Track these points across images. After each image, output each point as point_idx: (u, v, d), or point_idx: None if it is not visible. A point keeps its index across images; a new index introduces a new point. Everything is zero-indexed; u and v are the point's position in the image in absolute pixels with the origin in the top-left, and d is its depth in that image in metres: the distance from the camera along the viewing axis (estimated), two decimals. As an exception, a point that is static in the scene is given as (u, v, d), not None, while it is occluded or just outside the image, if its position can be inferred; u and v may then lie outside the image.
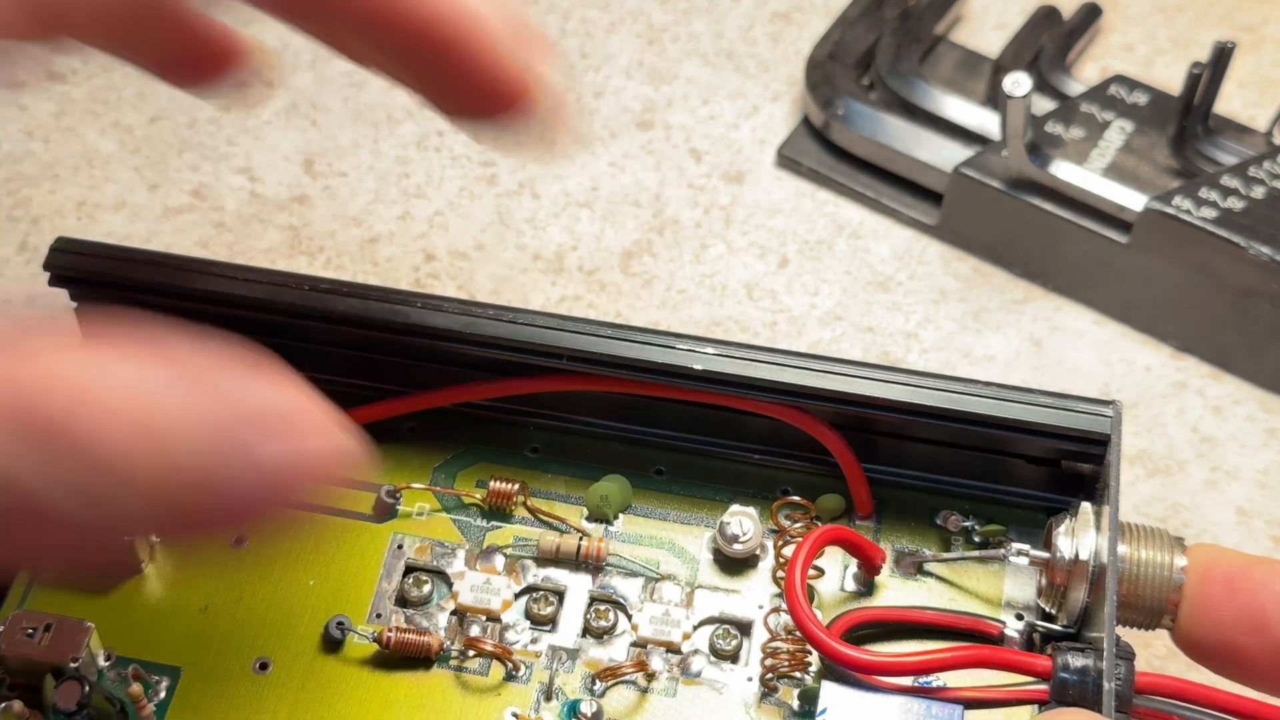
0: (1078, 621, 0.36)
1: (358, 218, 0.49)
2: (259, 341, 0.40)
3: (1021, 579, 0.38)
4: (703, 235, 0.49)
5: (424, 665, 0.37)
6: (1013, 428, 0.37)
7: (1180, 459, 0.44)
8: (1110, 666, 0.33)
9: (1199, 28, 0.54)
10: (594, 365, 0.37)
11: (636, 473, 0.40)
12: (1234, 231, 0.44)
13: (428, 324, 0.38)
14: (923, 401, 0.37)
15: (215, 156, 0.50)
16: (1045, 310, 0.47)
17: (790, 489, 0.39)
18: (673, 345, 0.37)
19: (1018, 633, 0.37)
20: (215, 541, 0.31)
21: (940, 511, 0.39)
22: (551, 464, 0.40)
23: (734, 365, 0.37)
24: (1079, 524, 0.36)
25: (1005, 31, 0.53)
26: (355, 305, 0.38)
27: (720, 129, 0.51)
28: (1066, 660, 0.34)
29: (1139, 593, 0.35)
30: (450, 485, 0.40)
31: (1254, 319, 0.44)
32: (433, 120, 0.51)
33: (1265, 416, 0.45)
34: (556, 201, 0.49)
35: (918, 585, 0.38)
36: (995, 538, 0.39)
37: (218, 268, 0.39)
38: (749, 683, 0.36)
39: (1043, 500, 0.39)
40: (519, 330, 0.37)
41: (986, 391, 0.37)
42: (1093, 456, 0.37)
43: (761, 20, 0.54)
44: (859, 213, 0.49)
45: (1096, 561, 0.35)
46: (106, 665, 0.36)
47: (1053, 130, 0.47)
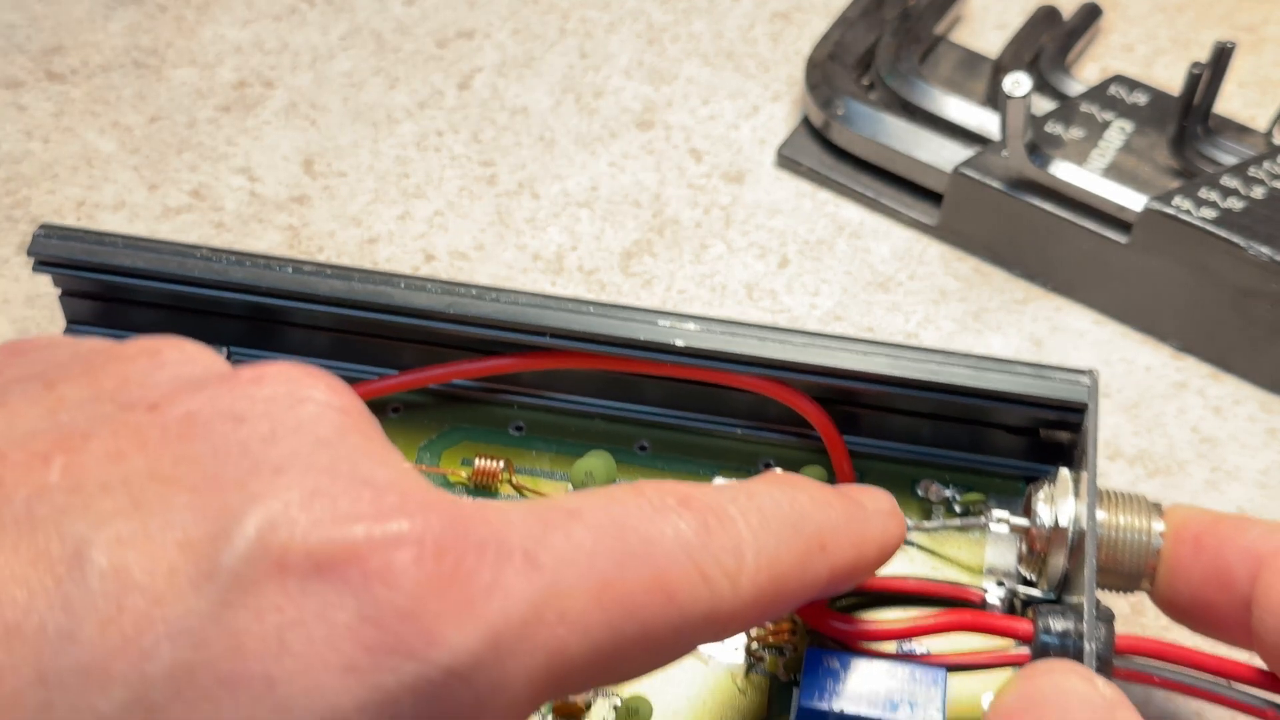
0: (1058, 587, 0.36)
1: (357, 218, 0.49)
2: (244, 325, 0.40)
3: (1002, 546, 0.39)
4: (703, 235, 0.49)
5: None
6: (991, 397, 0.37)
7: (1180, 459, 0.44)
8: (1091, 628, 0.33)
9: (1199, 28, 0.54)
10: (577, 342, 0.38)
11: (620, 449, 0.40)
12: (1234, 232, 0.44)
13: (411, 304, 0.38)
14: (902, 373, 0.37)
15: (215, 156, 0.50)
16: (1045, 310, 0.47)
17: (772, 462, 0.40)
18: (655, 321, 0.38)
19: (999, 599, 0.37)
20: None
21: (921, 482, 0.40)
22: (536, 441, 0.40)
23: (716, 340, 0.37)
24: (1058, 491, 0.36)
25: (1005, 31, 0.53)
26: (339, 286, 0.38)
27: (720, 129, 0.51)
28: (1048, 623, 0.34)
29: (1118, 557, 0.35)
30: (436, 464, 0.40)
31: (1254, 319, 0.44)
32: (432, 120, 0.51)
33: (1265, 417, 0.45)
34: (556, 201, 0.49)
35: (900, 554, 0.39)
36: (976, 506, 0.39)
37: (201, 251, 0.39)
38: (735, 653, 0.37)
39: (1022, 469, 0.40)
40: (502, 309, 0.38)
41: (965, 362, 0.37)
42: (1070, 424, 0.38)
43: (761, 20, 0.54)
44: (859, 213, 0.49)
45: (1076, 527, 0.35)
46: None
47: (1053, 130, 0.47)
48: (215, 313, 0.40)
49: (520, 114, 0.51)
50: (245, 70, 0.52)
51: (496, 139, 0.51)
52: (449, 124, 0.51)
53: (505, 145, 0.51)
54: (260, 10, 0.54)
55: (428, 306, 0.38)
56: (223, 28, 0.53)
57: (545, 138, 0.51)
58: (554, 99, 0.52)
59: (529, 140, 0.51)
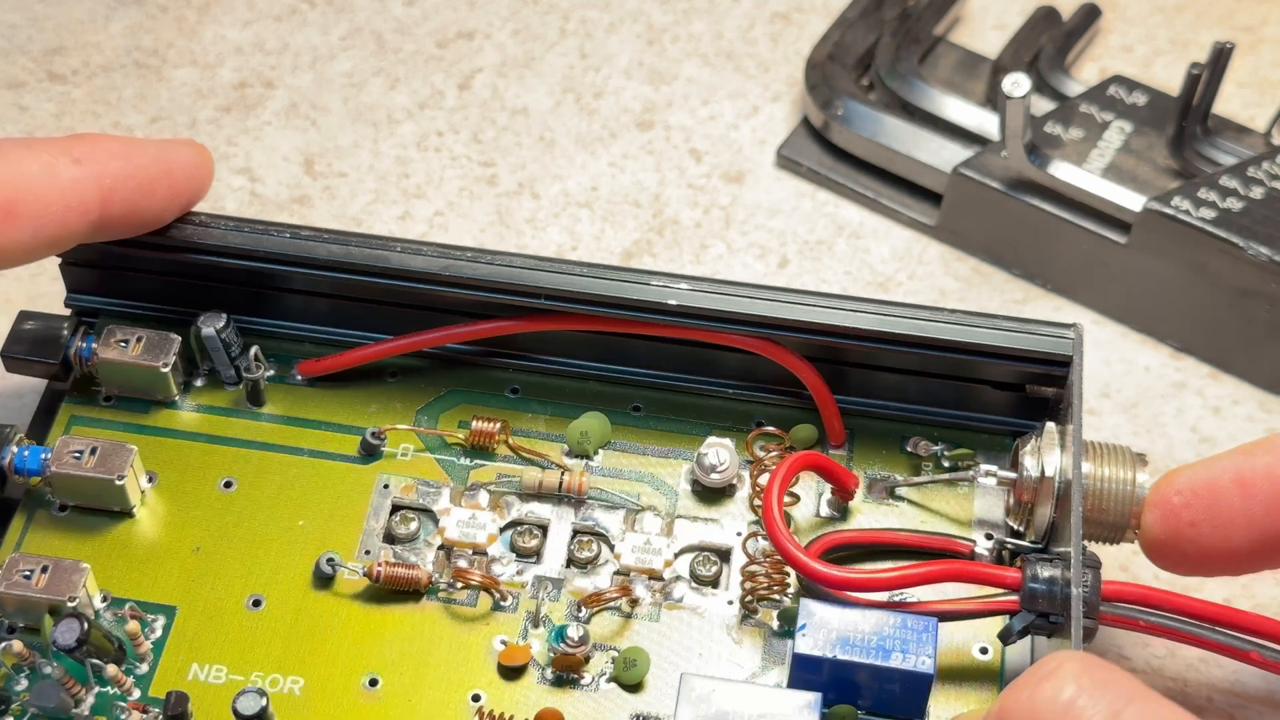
0: (1045, 537, 0.37)
1: (358, 218, 0.49)
2: (242, 291, 0.41)
3: (990, 499, 0.39)
4: (703, 235, 0.49)
5: (414, 598, 0.38)
6: (978, 352, 0.38)
7: (1180, 459, 0.44)
8: (1078, 574, 0.34)
9: (1198, 28, 0.54)
10: (572, 304, 0.38)
11: (615, 410, 0.41)
12: (1233, 232, 0.44)
13: (408, 267, 0.39)
14: (891, 329, 0.38)
15: (215, 157, 0.50)
16: (1045, 310, 0.47)
17: (764, 421, 0.40)
18: (648, 282, 0.38)
19: (988, 550, 0.38)
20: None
21: (910, 438, 0.40)
22: (532, 404, 0.41)
23: (708, 300, 0.38)
24: (1044, 444, 0.37)
25: (1004, 32, 0.53)
26: (336, 251, 0.39)
27: (720, 129, 0.51)
28: (1035, 570, 0.35)
29: (1103, 507, 0.36)
30: (433, 427, 0.40)
31: (1253, 319, 0.44)
32: (432, 120, 0.51)
33: (1265, 416, 0.45)
34: (556, 201, 0.49)
35: (890, 509, 0.39)
36: (964, 461, 0.40)
37: (199, 218, 0.40)
38: (729, 606, 0.38)
39: (1008, 424, 0.40)
40: (497, 271, 0.38)
41: (951, 318, 0.38)
42: (1056, 379, 0.38)
43: (761, 21, 0.54)
44: (859, 213, 0.50)
45: (1062, 478, 0.36)
46: (103, 606, 0.37)
47: (1052, 131, 0.47)
48: (214, 279, 0.41)
49: (520, 114, 0.52)
50: (246, 71, 0.52)
51: (497, 139, 0.51)
52: (449, 124, 0.51)
53: (505, 145, 0.51)
54: (261, 11, 0.54)
55: (424, 269, 0.38)
56: (223, 28, 0.53)
57: (545, 138, 0.51)
58: (554, 99, 0.52)
59: (529, 140, 0.51)
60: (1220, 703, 0.39)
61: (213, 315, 0.40)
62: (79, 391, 0.41)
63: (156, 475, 0.40)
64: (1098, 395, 0.45)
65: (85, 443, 0.38)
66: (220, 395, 0.41)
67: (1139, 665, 0.40)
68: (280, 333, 0.42)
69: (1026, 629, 0.35)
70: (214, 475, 0.40)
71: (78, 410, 0.41)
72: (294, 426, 0.41)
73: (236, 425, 0.41)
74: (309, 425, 0.41)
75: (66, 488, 0.38)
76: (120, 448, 0.38)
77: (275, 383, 0.41)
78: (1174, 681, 0.40)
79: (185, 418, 0.41)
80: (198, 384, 0.41)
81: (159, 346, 0.40)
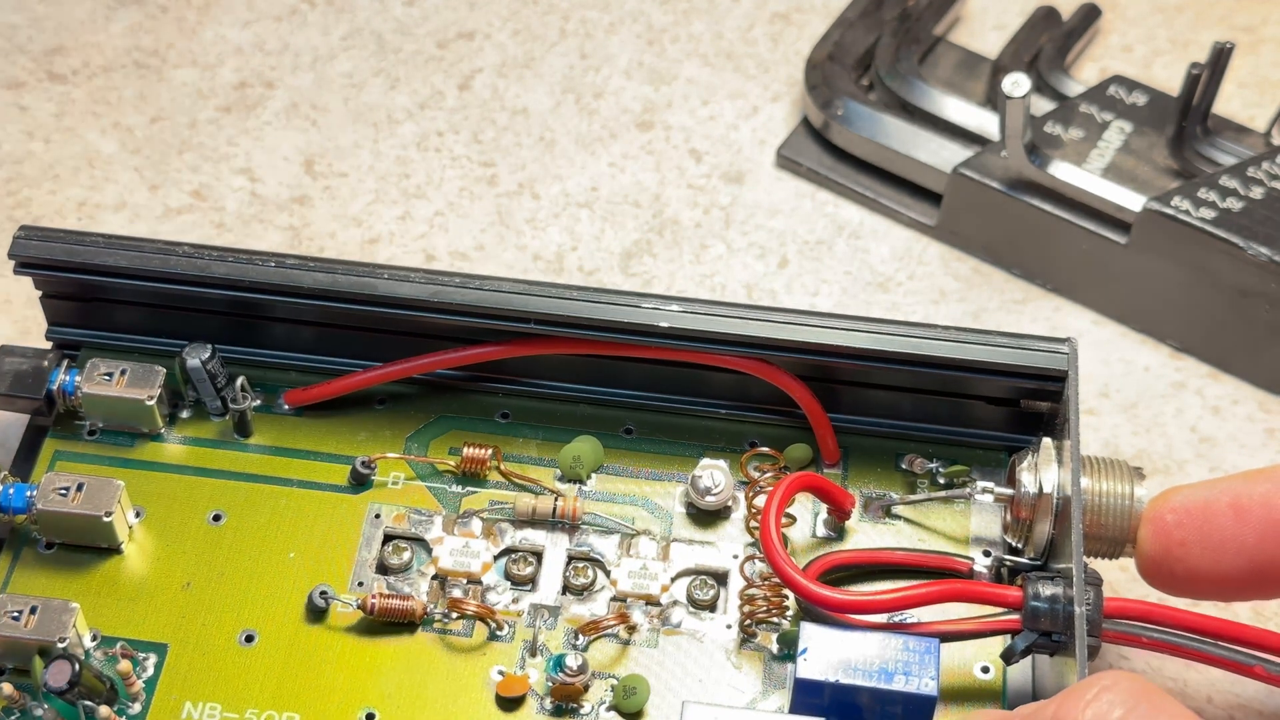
0: (1044, 554, 0.37)
1: (358, 218, 0.49)
2: (227, 321, 0.40)
3: (987, 516, 0.39)
4: (703, 235, 0.49)
5: (408, 629, 0.37)
6: (971, 369, 0.38)
7: (1179, 459, 0.44)
8: (1080, 592, 0.33)
9: (1198, 28, 0.54)
10: (561, 328, 0.38)
11: (607, 433, 0.40)
12: (1233, 232, 0.44)
13: (395, 294, 0.38)
14: (883, 347, 0.38)
15: (216, 157, 0.50)
16: (1044, 310, 0.47)
17: (758, 441, 0.40)
18: (638, 304, 0.38)
19: (986, 568, 0.38)
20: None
21: (905, 456, 0.40)
22: (523, 428, 0.41)
23: (699, 321, 0.38)
24: (1041, 459, 0.36)
25: (1004, 32, 0.53)
26: (322, 279, 0.39)
27: (720, 129, 0.51)
28: (1037, 589, 0.35)
29: (1102, 522, 0.36)
30: (424, 454, 0.40)
31: (1253, 319, 0.44)
32: (432, 120, 0.51)
33: (1264, 416, 0.45)
34: (556, 202, 0.49)
35: (887, 528, 0.39)
36: (959, 478, 0.39)
37: (183, 249, 0.39)
38: (728, 630, 0.37)
39: (1004, 440, 0.40)
40: (485, 297, 0.38)
41: (944, 335, 0.38)
42: (1050, 393, 0.38)
43: (761, 21, 0.54)
44: (859, 213, 0.50)
45: (1060, 494, 0.36)
46: (93, 645, 0.37)
47: (1052, 131, 0.47)
48: (198, 310, 0.40)
49: (520, 114, 0.52)
50: (246, 71, 0.52)
51: (497, 139, 0.51)
52: (449, 124, 0.51)
53: (505, 146, 0.51)
54: (261, 11, 0.54)
55: (412, 296, 0.38)
56: (224, 28, 0.53)
57: (545, 138, 0.51)
58: (554, 99, 0.52)
59: (529, 141, 0.51)
60: (1220, 703, 0.39)
61: (198, 346, 0.39)
62: (62, 426, 0.40)
63: (144, 510, 0.39)
64: (1097, 395, 0.45)
65: (71, 479, 0.38)
66: (206, 427, 0.40)
67: (1139, 666, 0.40)
68: (266, 362, 0.41)
69: (1029, 648, 0.35)
70: (202, 508, 0.39)
71: (62, 445, 0.40)
72: (282, 457, 0.40)
73: (224, 457, 0.40)
74: (297, 455, 0.40)
75: (53, 525, 0.38)
76: (107, 483, 0.38)
77: (262, 413, 0.41)
78: (1174, 681, 0.40)
79: (172, 450, 0.40)
80: (183, 416, 0.41)
81: (143, 379, 0.40)
